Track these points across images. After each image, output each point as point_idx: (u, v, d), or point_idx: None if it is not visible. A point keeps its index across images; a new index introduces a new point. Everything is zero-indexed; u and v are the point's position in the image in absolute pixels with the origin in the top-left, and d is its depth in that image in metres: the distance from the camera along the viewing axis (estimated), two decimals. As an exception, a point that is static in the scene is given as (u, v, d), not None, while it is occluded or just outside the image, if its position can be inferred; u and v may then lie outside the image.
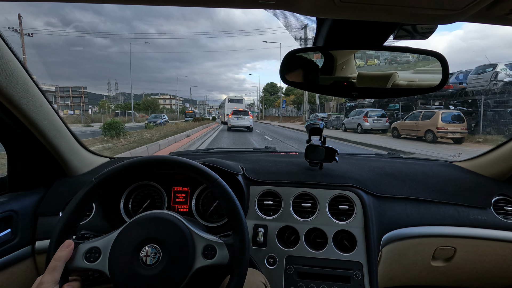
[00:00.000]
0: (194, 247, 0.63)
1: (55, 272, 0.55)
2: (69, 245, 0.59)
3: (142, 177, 1.08)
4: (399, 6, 0.44)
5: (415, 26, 0.57)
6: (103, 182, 0.66)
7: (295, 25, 0.64)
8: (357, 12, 0.47)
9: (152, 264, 0.60)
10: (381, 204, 1.02)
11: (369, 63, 0.75)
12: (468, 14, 0.45)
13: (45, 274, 0.55)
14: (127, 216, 1.04)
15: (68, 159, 1.05)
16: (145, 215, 0.66)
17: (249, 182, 1.04)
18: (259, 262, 0.93)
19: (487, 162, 1.18)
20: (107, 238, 0.63)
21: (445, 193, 1.07)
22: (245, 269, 0.64)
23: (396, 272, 1.08)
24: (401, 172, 1.15)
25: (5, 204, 0.90)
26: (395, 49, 0.71)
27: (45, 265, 0.57)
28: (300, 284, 0.90)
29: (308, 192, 1.01)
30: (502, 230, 1.02)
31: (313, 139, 1.09)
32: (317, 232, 0.97)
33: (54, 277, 0.55)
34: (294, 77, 0.75)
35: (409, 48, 0.70)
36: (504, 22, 0.49)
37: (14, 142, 0.95)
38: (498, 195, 1.08)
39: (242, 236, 0.65)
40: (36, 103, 0.85)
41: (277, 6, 0.48)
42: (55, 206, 1.00)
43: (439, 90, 0.71)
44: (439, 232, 1.02)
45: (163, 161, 0.70)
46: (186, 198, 1.07)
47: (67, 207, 0.63)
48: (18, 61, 0.78)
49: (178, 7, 0.49)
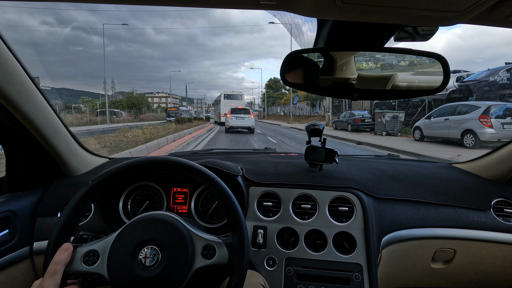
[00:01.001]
0: (193, 247, 0.63)
1: (56, 276, 0.55)
2: (67, 249, 0.58)
3: (141, 178, 1.08)
4: (400, 8, 0.43)
5: (416, 28, 0.57)
6: (99, 184, 0.66)
7: (296, 26, 0.64)
8: (358, 13, 0.46)
9: (151, 266, 0.59)
10: (381, 206, 1.02)
11: (378, 65, 0.75)
12: (469, 16, 0.45)
13: (45, 278, 0.54)
14: (126, 217, 1.03)
15: (67, 160, 1.05)
16: (143, 216, 0.66)
17: (248, 183, 1.04)
18: (259, 264, 0.93)
19: (487, 164, 1.18)
20: (105, 241, 0.62)
21: (445, 195, 1.07)
22: (245, 268, 0.64)
23: (396, 274, 1.07)
24: (401, 173, 1.15)
25: (3, 204, 0.89)
26: (395, 50, 0.71)
27: (43, 269, 0.56)
28: (300, 286, 0.90)
29: (308, 193, 1.00)
30: (502, 232, 1.02)
31: (313, 140, 1.09)
32: (317, 234, 0.96)
33: (55, 281, 0.54)
34: (295, 78, 0.75)
35: (410, 50, 0.70)
36: (505, 24, 0.49)
37: (12, 142, 0.94)
38: (498, 197, 1.08)
39: (241, 235, 0.65)
40: (35, 103, 0.85)
41: (278, 7, 0.47)
42: (54, 206, 1.00)
43: (440, 92, 0.71)
44: (439, 234, 1.02)
45: (160, 161, 0.69)
46: (186, 199, 1.07)
47: (64, 210, 0.63)
48: (17, 60, 0.78)
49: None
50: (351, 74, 0.75)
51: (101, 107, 40.81)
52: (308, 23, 0.63)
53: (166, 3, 0.46)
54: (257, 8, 0.48)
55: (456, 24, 0.48)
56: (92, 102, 50.94)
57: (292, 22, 0.61)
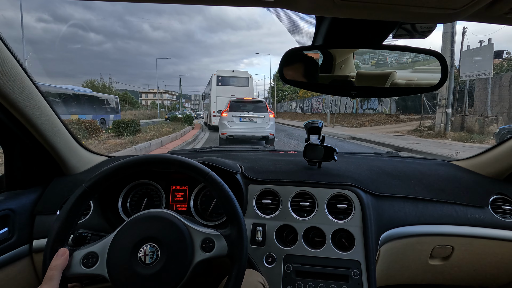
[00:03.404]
0: (192, 241, 0.64)
1: (52, 281, 0.55)
2: (63, 254, 0.58)
3: (140, 176, 1.08)
4: (398, 5, 0.43)
5: (414, 25, 0.57)
6: (93, 186, 0.65)
7: (294, 23, 0.64)
8: (356, 10, 0.46)
9: (151, 263, 0.60)
10: (379, 203, 1.02)
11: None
12: (467, 13, 0.45)
13: (43, 284, 0.55)
14: (125, 215, 1.04)
15: (66, 158, 1.05)
16: (140, 215, 0.66)
17: (247, 181, 1.04)
18: (258, 261, 0.94)
19: (485, 161, 1.18)
20: (103, 242, 0.62)
21: (443, 192, 1.07)
22: (245, 259, 0.64)
23: (394, 271, 1.08)
24: (400, 171, 1.16)
25: (2, 202, 0.89)
26: (394, 48, 0.71)
27: (42, 274, 0.57)
28: (299, 283, 0.90)
29: (307, 191, 1.01)
30: (499, 229, 1.03)
31: (312, 138, 1.09)
32: (316, 231, 0.97)
33: (53, 286, 0.55)
34: (293, 75, 0.75)
35: (408, 47, 0.70)
36: (503, 21, 0.49)
37: (11, 141, 0.94)
38: (496, 194, 1.08)
39: (239, 225, 0.65)
40: (34, 101, 0.85)
41: (276, 4, 0.47)
42: (52, 204, 1.00)
43: (438, 89, 0.72)
44: (437, 231, 1.02)
45: (153, 160, 0.69)
46: (185, 197, 1.07)
47: (59, 215, 0.63)
48: (16, 59, 0.77)
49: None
50: (350, 72, 0.75)
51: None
52: (306, 20, 0.63)
53: (164, 0, 0.46)
54: (255, 5, 0.48)
55: (455, 21, 0.48)
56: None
57: (290, 20, 0.60)
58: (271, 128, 7.84)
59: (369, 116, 18.44)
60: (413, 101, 16.55)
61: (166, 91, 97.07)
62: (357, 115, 19.84)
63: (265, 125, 7.80)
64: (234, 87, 13.10)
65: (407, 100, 16.78)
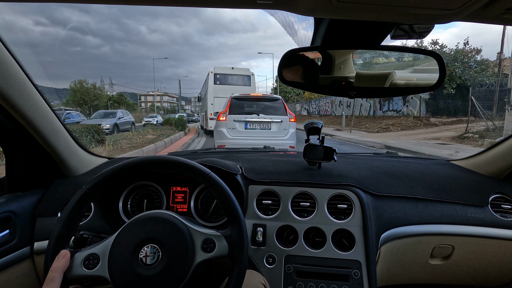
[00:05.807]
0: (193, 242, 0.64)
1: (54, 283, 0.55)
2: (64, 255, 0.59)
3: (141, 177, 1.08)
4: (396, 6, 0.44)
5: (412, 26, 0.57)
6: (94, 188, 0.66)
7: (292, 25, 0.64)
8: (354, 12, 0.47)
9: (152, 264, 0.60)
10: (379, 203, 1.02)
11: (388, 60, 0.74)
12: (464, 13, 0.45)
13: (44, 286, 0.55)
14: (126, 216, 1.04)
15: (67, 160, 1.05)
16: (140, 216, 0.66)
17: (248, 182, 1.04)
18: (258, 262, 0.94)
19: (485, 160, 1.18)
20: (104, 244, 0.63)
21: (443, 192, 1.08)
22: (246, 259, 0.64)
23: (395, 271, 1.08)
24: (399, 171, 1.16)
25: (3, 205, 0.90)
26: (392, 48, 0.71)
27: (43, 276, 0.57)
28: (299, 283, 0.90)
29: (307, 191, 1.01)
30: (499, 228, 1.03)
31: (312, 139, 1.09)
32: (316, 231, 0.97)
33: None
34: (293, 76, 0.75)
35: (407, 48, 0.70)
36: (500, 21, 0.50)
37: (12, 143, 0.95)
38: (495, 193, 1.08)
39: (239, 226, 0.65)
40: (34, 104, 0.85)
41: (274, 6, 0.48)
42: (53, 206, 1.00)
43: (436, 89, 0.72)
44: (437, 230, 1.02)
45: (154, 161, 0.70)
46: (185, 198, 1.07)
47: (60, 217, 0.63)
48: (16, 61, 0.78)
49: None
50: (349, 73, 0.76)
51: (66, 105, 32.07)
52: (304, 21, 0.63)
53: (162, 3, 0.46)
54: (254, 7, 0.48)
55: (452, 21, 0.49)
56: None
57: (288, 21, 0.61)
58: (291, 139, 5.35)
59: (392, 119, 15.48)
60: (445, 101, 14.06)
61: (166, 94, 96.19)
62: (376, 118, 16.95)
63: (283, 134, 5.33)
64: (234, 86, 10.96)
65: (438, 100, 14.17)
